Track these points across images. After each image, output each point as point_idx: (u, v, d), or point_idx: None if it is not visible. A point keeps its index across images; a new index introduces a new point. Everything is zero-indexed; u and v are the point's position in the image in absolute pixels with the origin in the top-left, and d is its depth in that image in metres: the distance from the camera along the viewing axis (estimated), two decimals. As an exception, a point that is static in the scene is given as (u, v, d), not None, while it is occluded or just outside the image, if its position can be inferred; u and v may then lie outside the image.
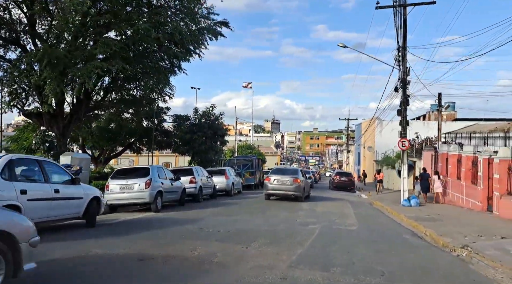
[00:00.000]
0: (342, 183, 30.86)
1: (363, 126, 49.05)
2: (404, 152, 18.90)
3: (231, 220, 11.50)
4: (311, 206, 17.14)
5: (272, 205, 17.20)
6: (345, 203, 19.15)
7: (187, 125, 31.38)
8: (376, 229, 10.95)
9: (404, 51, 18.01)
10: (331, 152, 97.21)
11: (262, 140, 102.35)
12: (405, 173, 18.69)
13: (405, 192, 18.69)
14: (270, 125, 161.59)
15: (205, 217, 12.04)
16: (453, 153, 19.29)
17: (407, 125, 18.98)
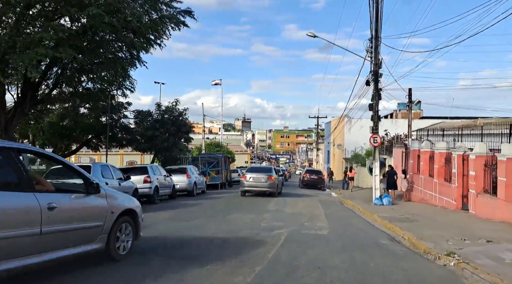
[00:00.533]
0: (312, 181, 29.85)
1: (333, 124, 48.48)
2: (376, 148, 17.93)
3: (186, 226, 9.94)
4: (279, 206, 15.83)
5: (237, 205, 15.76)
6: (315, 202, 17.97)
7: (149, 121, 29.42)
8: (350, 234, 9.69)
9: (376, 41, 16.98)
10: (301, 150, 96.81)
11: (232, 138, 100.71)
12: (377, 170, 17.71)
13: (377, 190, 17.72)
14: (241, 124, 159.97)
15: (157, 222, 10.39)
16: (425, 150, 18.48)
17: (379, 121, 17.99)
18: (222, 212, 13.09)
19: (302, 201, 18.74)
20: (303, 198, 20.48)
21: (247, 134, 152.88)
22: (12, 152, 4.56)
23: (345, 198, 21.13)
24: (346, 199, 20.40)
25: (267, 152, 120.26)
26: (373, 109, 17.52)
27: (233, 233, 8.91)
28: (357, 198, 20.91)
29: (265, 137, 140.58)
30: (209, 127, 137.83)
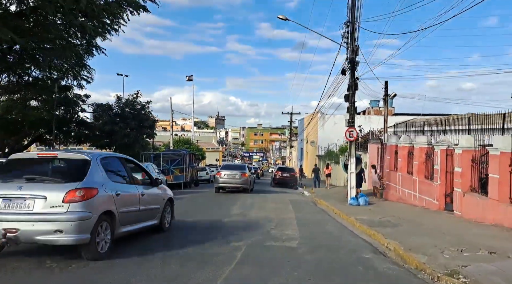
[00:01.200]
0: (284, 179, 28.15)
1: (306, 121, 47.06)
2: (352, 143, 16.31)
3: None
4: (245, 208, 13.95)
5: (198, 208, 13.78)
6: (286, 203, 16.20)
7: (110, 115, 26.89)
8: (325, 245, 7.89)
9: (353, 26, 15.33)
10: (275, 148, 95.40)
11: (204, 136, 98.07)
12: (352, 166, 16.10)
13: (352, 189, 16.10)
14: (214, 121, 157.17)
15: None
16: (403, 145, 17.04)
17: (356, 113, 16.38)
18: (176, 217, 11.02)
19: (272, 201, 16.93)
20: (274, 198, 18.68)
21: (220, 132, 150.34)
22: (121, 159, 7.40)
23: (319, 197, 19.49)
24: (319, 199, 18.74)
25: (241, 149, 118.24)
26: (349, 100, 15.89)
27: (181, 248, 6.90)
28: (332, 197, 19.31)
29: (238, 135, 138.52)
30: (182, 125, 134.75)
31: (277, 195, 21.28)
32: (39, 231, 5.30)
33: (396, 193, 17.63)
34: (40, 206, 5.40)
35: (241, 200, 16.85)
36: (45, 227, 5.32)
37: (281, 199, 18.09)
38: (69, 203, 5.42)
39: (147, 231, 7.63)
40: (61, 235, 5.31)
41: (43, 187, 5.59)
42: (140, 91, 27.60)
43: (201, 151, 48.76)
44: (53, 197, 5.43)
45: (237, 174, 19.59)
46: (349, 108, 16.09)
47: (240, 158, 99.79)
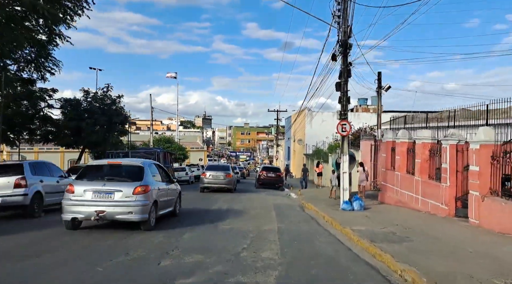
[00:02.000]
0: (269, 180, 25.82)
1: (293, 119, 44.89)
2: (345, 138, 14.05)
3: (35, 271, 5.41)
4: (219, 215, 11.59)
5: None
6: (268, 209, 13.86)
7: (77, 111, 24.19)
8: (316, 274, 5.54)
9: (345, 3, 13.06)
10: (262, 147, 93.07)
11: (190, 135, 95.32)
12: (345, 165, 13.84)
13: (345, 191, 13.84)
14: (201, 121, 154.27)
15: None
16: (402, 141, 14.85)
17: (349, 104, 14.12)
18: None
19: (253, 206, 14.58)
20: (255, 201, 16.33)
21: (207, 132, 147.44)
22: (157, 165, 10.51)
23: (306, 200, 17.20)
24: (307, 202, 16.45)
25: (227, 149, 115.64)
26: (341, 89, 13.62)
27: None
28: (321, 200, 17.04)
29: (225, 135, 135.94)
30: (168, 125, 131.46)
31: (261, 196, 18.97)
32: (118, 212, 8.15)
33: (393, 195, 15.44)
34: (119, 196, 8.21)
35: (217, 205, 14.47)
36: (122, 209, 8.15)
37: (264, 203, 15.75)
38: (137, 194, 8.28)
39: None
40: (132, 215, 8.19)
41: (119, 184, 8.42)
42: (110, 84, 24.96)
43: (184, 150, 46.14)
44: (126, 191, 8.25)
45: (222, 175, 20.06)
46: (341, 98, 13.82)
47: (227, 157, 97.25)
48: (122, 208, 8.06)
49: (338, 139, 28.76)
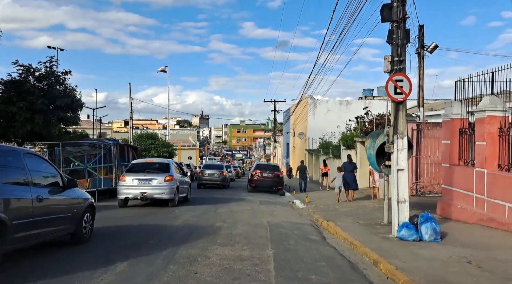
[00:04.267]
0: (265, 181, 19.21)
1: (293, 110, 38.34)
2: (401, 107, 7.44)
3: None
4: (167, 260, 5.09)
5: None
6: (259, 246, 7.05)
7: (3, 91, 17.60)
8: None
9: None
10: (259, 145, 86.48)
11: (185, 133, 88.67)
12: (403, 155, 7.32)
13: (403, 204, 7.28)
14: (198, 120, 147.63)
15: None
16: (491, 114, 8.33)
17: (407, 43, 7.50)
18: None
19: (229, 236, 7.85)
20: (237, 222, 9.71)
21: (204, 131, 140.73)
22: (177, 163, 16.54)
23: (322, 214, 10.68)
24: (325, 218, 9.92)
25: (223, 148, 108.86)
26: (396, 17, 7.06)
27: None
28: (343, 212, 10.56)
29: (221, 133, 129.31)
30: (164, 124, 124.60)
31: (249, 209, 12.37)
32: (155, 193, 11.62)
33: (471, 207, 8.90)
34: (155, 183, 11.67)
35: (182, 218, 7.97)
36: (158, 191, 11.63)
37: (252, 225, 9.10)
38: (167, 181, 11.75)
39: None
40: (164, 195, 11.67)
41: (155, 175, 11.90)
42: (55, 57, 18.27)
43: (169, 147, 39.48)
44: (160, 179, 11.71)
45: (216, 173, 21.55)
46: (393, 33, 7.24)
47: (222, 156, 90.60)
48: (158, 190, 11.54)
49: (352, 129, 22.33)
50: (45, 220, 5.36)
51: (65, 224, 5.93)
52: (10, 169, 4.99)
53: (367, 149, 9.50)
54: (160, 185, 11.61)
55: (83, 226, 6.45)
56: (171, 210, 11.16)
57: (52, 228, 5.60)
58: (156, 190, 11.56)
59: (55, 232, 5.75)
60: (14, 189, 4.87)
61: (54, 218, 5.62)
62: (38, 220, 5.15)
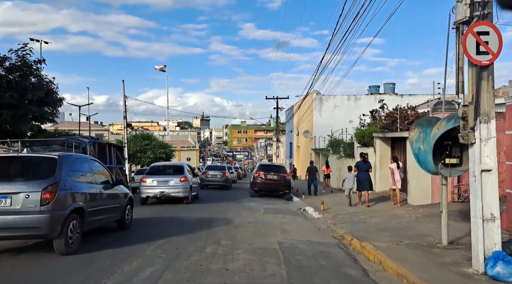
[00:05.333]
0: (270, 184, 16.53)
1: (296, 107, 35.73)
2: (486, 72, 4.83)
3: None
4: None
5: None
6: (270, 279, 4.55)
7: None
8: None
9: None
10: (260, 146, 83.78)
11: (184, 134, 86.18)
12: (489, 148, 4.67)
13: (491, 221, 4.65)
14: (199, 122, 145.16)
15: None
16: None
17: None
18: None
19: (223, 271, 5.25)
20: (240, 244, 7.10)
21: (204, 132, 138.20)
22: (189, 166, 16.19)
23: (349, 230, 8.08)
24: (356, 237, 7.31)
25: (224, 149, 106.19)
26: None
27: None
28: (381, 228, 7.95)
29: (222, 134, 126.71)
30: (164, 126, 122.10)
31: (253, 220, 9.78)
32: (172, 192, 12.86)
33: None
34: (172, 183, 12.94)
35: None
36: (174, 190, 12.88)
37: (258, 250, 6.48)
38: (182, 182, 13.02)
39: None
40: (179, 193, 12.87)
41: (171, 176, 13.27)
42: (28, 44, 15.72)
43: (166, 148, 36.93)
44: (176, 180, 13.06)
45: (219, 174, 21.78)
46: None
47: (222, 157, 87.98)
48: (174, 189, 12.77)
49: (366, 125, 19.69)
50: (104, 208, 6.85)
51: (115, 213, 7.39)
52: (83, 171, 6.48)
53: (412, 143, 6.88)
54: (176, 185, 13.01)
55: (126, 215, 7.90)
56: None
57: (108, 214, 7.06)
58: (173, 189, 12.95)
59: (109, 218, 7.23)
60: (87, 186, 6.39)
61: (109, 208, 7.09)
62: (100, 209, 6.66)
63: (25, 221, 5.25)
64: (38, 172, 5.74)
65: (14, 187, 5.41)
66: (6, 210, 5.25)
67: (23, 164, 6.10)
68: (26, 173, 5.79)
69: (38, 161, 6.10)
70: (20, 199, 5.31)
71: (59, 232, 5.43)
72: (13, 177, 5.73)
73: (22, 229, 5.33)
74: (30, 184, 5.44)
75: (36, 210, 5.28)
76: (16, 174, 5.83)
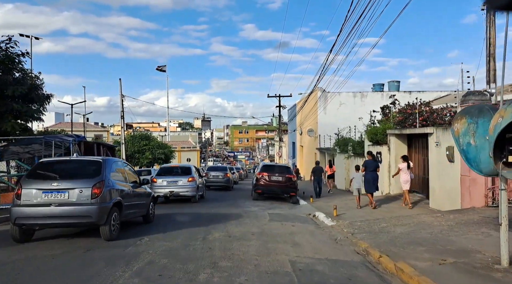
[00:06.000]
0: (274, 186, 15.06)
1: (299, 106, 34.31)
2: None
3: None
4: None
5: None
6: None
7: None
8: None
9: None
10: (262, 146, 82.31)
11: (185, 135, 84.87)
12: None
13: None
14: (200, 123, 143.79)
15: None
16: None
17: None
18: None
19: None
20: (242, 266, 5.69)
21: (205, 133, 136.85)
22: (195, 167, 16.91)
23: (374, 244, 6.67)
24: (386, 254, 5.89)
25: (225, 149, 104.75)
26: None
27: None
28: (412, 240, 6.54)
29: (222, 134, 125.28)
30: (166, 127, 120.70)
31: (257, 230, 8.39)
32: (181, 191, 13.54)
33: None
34: (181, 183, 13.63)
35: None
36: (183, 189, 13.54)
37: (266, 275, 5.09)
38: (190, 182, 13.73)
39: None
40: (187, 193, 13.57)
41: (180, 176, 13.95)
42: (13, 37, 14.34)
43: (165, 149, 35.54)
44: (184, 180, 13.73)
45: (221, 175, 21.87)
46: None
47: (223, 158, 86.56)
48: (183, 189, 13.46)
49: (376, 122, 18.26)
50: (135, 204, 8.07)
51: (142, 208, 8.62)
52: (119, 172, 7.73)
53: (459, 137, 5.45)
54: (185, 185, 13.68)
55: (150, 210, 9.06)
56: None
57: (137, 209, 8.32)
58: (181, 189, 13.62)
59: (137, 213, 8.42)
60: (122, 184, 7.58)
61: (138, 204, 8.31)
62: (132, 204, 7.87)
63: (80, 211, 6.42)
64: (88, 172, 6.86)
65: (70, 184, 6.54)
66: (65, 202, 6.44)
67: (75, 165, 7.36)
68: (79, 173, 6.91)
69: (87, 163, 7.34)
70: (75, 194, 6.47)
71: (105, 220, 6.58)
72: (69, 176, 6.77)
73: (78, 217, 6.49)
74: (82, 181, 6.60)
75: (88, 202, 6.44)
76: (71, 173, 6.89)
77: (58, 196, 6.43)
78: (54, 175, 6.67)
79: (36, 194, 6.43)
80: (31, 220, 6.45)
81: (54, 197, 6.41)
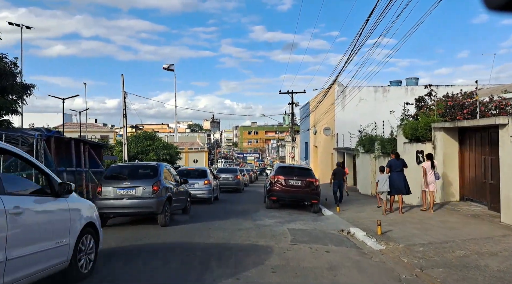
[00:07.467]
0: (293, 192, 12.27)
1: (313, 105, 31.59)
2: None
3: None
4: None
5: None
6: None
7: None
8: None
9: None
10: (272, 147, 79.53)
11: (193, 136, 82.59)
12: None
13: None
14: (209, 124, 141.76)
15: None
16: None
17: None
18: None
19: None
20: None
21: (215, 134, 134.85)
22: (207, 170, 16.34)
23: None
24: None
25: (234, 150, 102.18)
26: None
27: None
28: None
29: (231, 135, 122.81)
30: (173, 129, 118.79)
31: (277, 263, 5.77)
32: (198, 193, 13.67)
33: None
34: (197, 185, 13.84)
35: None
36: (200, 192, 13.86)
37: None
38: (206, 184, 14.19)
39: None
40: (204, 195, 13.99)
41: (197, 179, 14.06)
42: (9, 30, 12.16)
43: (170, 149, 33.13)
44: (200, 182, 14.10)
45: (231, 176, 21.63)
46: None
47: (233, 159, 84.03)
48: (199, 191, 13.81)
49: (412, 115, 15.48)
50: (178, 199, 9.88)
51: (182, 203, 10.41)
52: (167, 174, 9.63)
53: None
54: (201, 187, 13.97)
55: (187, 204, 10.90)
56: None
57: (179, 203, 10.15)
58: (198, 191, 13.78)
59: (180, 206, 10.29)
60: (169, 183, 9.49)
61: (180, 199, 10.11)
62: (176, 199, 9.65)
63: (144, 203, 8.43)
64: (148, 173, 9.00)
65: (137, 182, 8.66)
66: (133, 196, 8.49)
67: (139, 168, 9.76)
68: (142, 174, 9.11)
69: (147, 166, 9.78)
70: (140, 190, 8.50)
71: (161, 210, 8.53)
72: (135, 177, 8.99)
73: (142, 208, 8.52)
74: (145, 181, 8.68)
75: (150, 196, 8.43)
76: (136, 174, 9.15)
77: (128, 192, 8.45)
78: (124, 176, 8.78)
79: (112, 190, 8.45)
80: (110, 210, 8.39)
81: (125, 193, 8.40)
